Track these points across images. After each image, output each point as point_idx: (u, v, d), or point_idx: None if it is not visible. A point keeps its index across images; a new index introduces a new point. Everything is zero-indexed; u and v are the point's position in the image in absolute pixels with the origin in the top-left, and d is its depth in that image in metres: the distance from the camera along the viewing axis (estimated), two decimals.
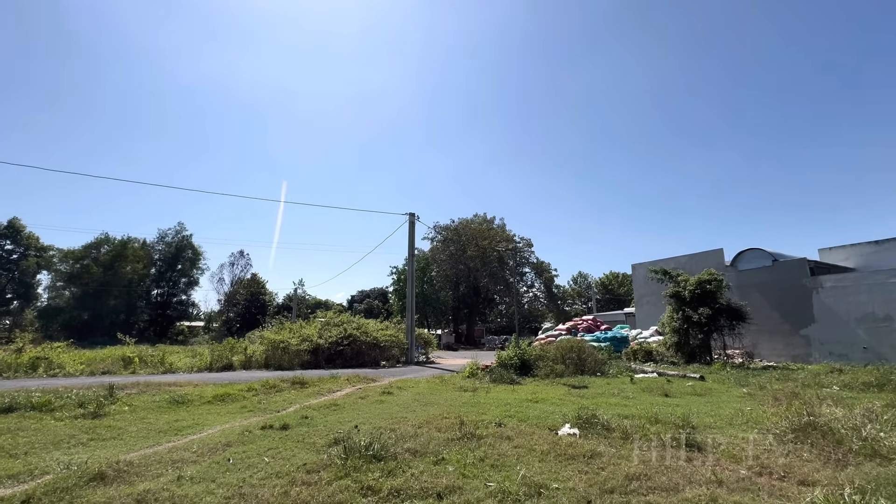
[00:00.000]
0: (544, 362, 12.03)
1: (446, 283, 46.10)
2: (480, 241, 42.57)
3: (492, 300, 52.98)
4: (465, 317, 47.13)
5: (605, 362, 12.51)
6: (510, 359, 12.31)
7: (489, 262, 42.49)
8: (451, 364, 18.67)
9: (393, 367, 16.25)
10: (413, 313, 19.40)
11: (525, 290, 48.39)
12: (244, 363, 15.25)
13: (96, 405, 7.15)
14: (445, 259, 44.57)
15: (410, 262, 20.12)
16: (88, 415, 6.77)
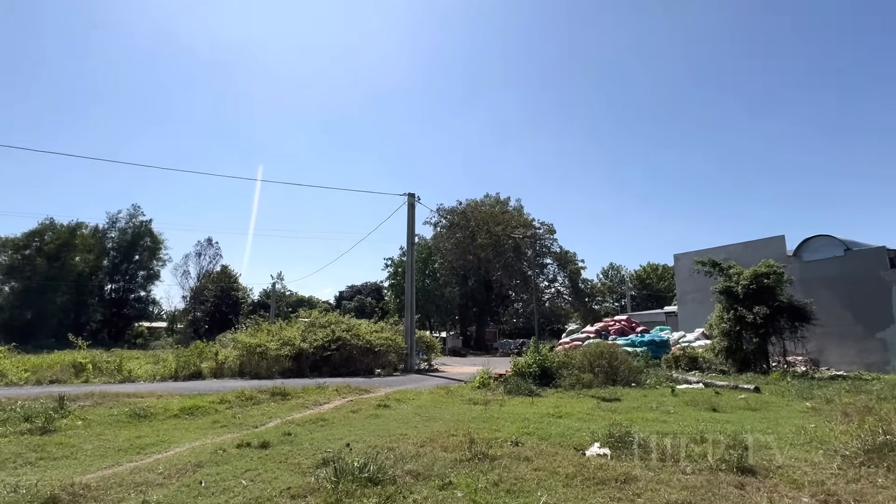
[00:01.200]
0: (569, 370, 12.08)
1: (452, 277, 46.36)
2: (493, 226, 42.49)
3: (506, 297, 53.19)
4: (474, 317, 47.47)
5: (641, 370, 12.59)
6: (528, 366, 12.38)
7: (503, 252, 42.56)
8: (458, 372, 18.82)
9: (389, 376, 16.45)
10: (413, 312, 19.51)
11: (546, 285, 48.60)
12: (215, 371, 15.44)
13: (45, 419, 7.10)
14: (451, 248, 44.65)
15: (410, 252, 20.14)
16: (36, 430, 6.77)
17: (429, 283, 41.36)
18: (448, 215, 45.21)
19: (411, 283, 19.81)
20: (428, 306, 40.19)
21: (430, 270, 41.84)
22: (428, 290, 40.11)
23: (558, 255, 45.82)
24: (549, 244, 46.93)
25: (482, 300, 46.06)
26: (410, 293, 19.72)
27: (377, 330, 19.65)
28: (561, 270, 46.98)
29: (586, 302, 46.79)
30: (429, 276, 41.77)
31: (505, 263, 42.96)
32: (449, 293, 42.69)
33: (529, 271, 44.87)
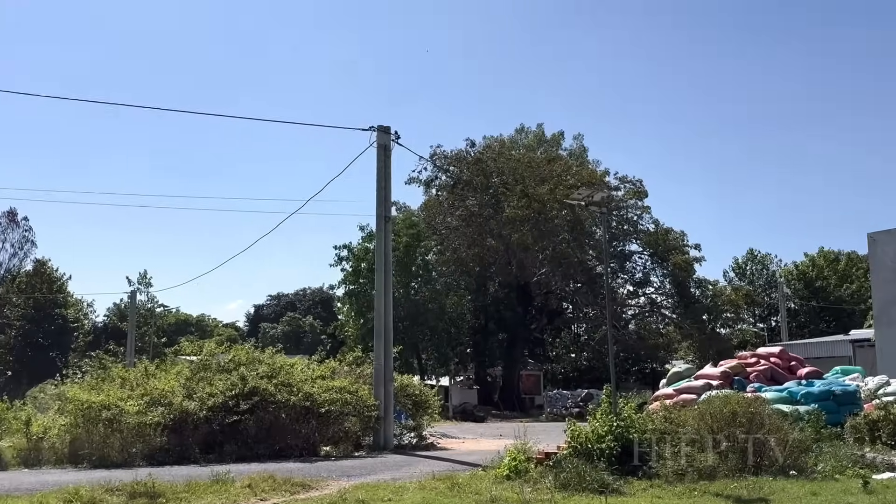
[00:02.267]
0: (674, 447, 12.16)
1: (459, 278, 46.97)
2: (532, 184, 42.97)
3: (557, 314, 54.01)
4: (499, 349, 49.01)
5: (807, 447, 12.59)
6: (599, 439, 12.49)
7: (551, 232, 43.00)
8: (469, 450, 18.99)
9: (348, 458, 16.75)
10: (389, 342, 19.68)
11: (630, 291, 49.84)
12: (26, 454, 15.79)
13: None
14: (457, 225, 45.51)
15: (382, 232, 20.27)
16: None
17: (418, 290, 41.46)
18: (451, 166, 45.42)
19: (385, 290, 19.82)
20: (417, 331, 40.26)
21: (419, 265, 41.86)
22: (416, 302, 40.21)
23: (653, 238, 46.05)
24: (635, 217, 47.20)
25: (513, 320, 46.59)
26: (383, 307, 19.74)
27: (324, 375, 19.82)
28: (658, 265, 47.26)
29: (705, 322, 47.04)
30: (418, 277, 41.83)
31: (555, 254, 43.18)
32: (454, 307, 42.82)
33: (599, 266, 45.03)
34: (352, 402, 18.32)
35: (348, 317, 42.36)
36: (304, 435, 17.60)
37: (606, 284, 19.42)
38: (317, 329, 71.87)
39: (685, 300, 46.48)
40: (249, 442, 16.92)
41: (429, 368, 42.89)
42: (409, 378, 23.33)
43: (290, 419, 17.42)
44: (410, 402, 21.59)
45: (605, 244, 20.50)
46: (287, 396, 17.44)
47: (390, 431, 19.17)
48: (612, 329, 19.18)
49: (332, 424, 18.05)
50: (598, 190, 18.19)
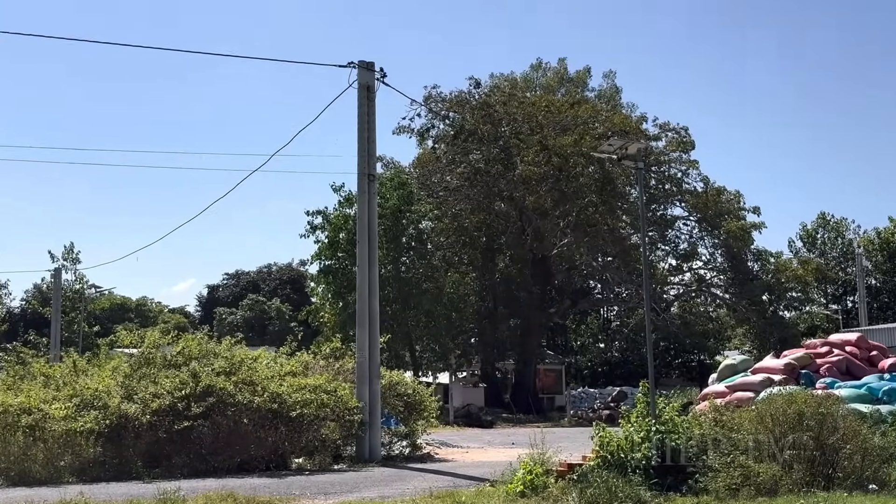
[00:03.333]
0: (726, 455, 12.23)
1: (461, 250, 47.51)
2: (552, 133, 43.07)
3: (582, 294, 54.38)
4: (510, 337, 49.36)
5: (890, 455, 12.67)
6: (634, 447, 12.64)
7: (577, 194, 43.03)
8: (475, 461, 19.24)
9: (326, 472, 16.88)
10: (374, 330, 19.81)
11: (673, 266, 50.20)
12: None
13: None
14: (458, 185, 45.81)
15: (366, 192, 20.27)
16: None
17: (410, 266, 41.49)
18: (451, 112, 45.25)
19: (369, 267, 19.88)
20: (409, 316, 40.39)
21: (411, 235, 41.88)
22: (408, 281, 40.28)
23: (702, 200, 46.00)
24: (680, 174, 47.08)
25: (528, 302, 46.74)
26: (367, 287, 19.80)
27: (295, 371, 19.93)
28: (707, 233, 47.26)
29: (765, 303, 47.22)
30: (410, 250, 41.85)
31: (580, 220, 43.21)
32: (455, 287, 42.89)
33: (635, 236, 44.92)
34: (329, 404, 18.34)
35: (324, 299, 42.37)
36: (270, 444, 17.66)
37: (644, 258, 19.34)
38: (285, 315, 72.08)
39: (741, 276, 46.60)
40: (204, 453, 16.98)
41: (424, 362, 43.04)
42: (399, 374, 23.40)
43: (253, 425, 17.44)
44: (402, 403, 21.66)
45: (642, 208, 20.38)
46: (249, 397, 17.45)
47: (377, 439, 19.24)
48: (650, 313, 19.04)
49: (305, 431, 18.08)
50: (633, 140, 18.09)
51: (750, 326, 48.05)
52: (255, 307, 74.87)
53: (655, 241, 47.19)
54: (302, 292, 75.32)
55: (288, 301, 75.62)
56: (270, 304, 75.26)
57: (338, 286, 38.61)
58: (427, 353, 43.21)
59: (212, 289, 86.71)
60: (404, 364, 38.87)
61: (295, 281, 79.43)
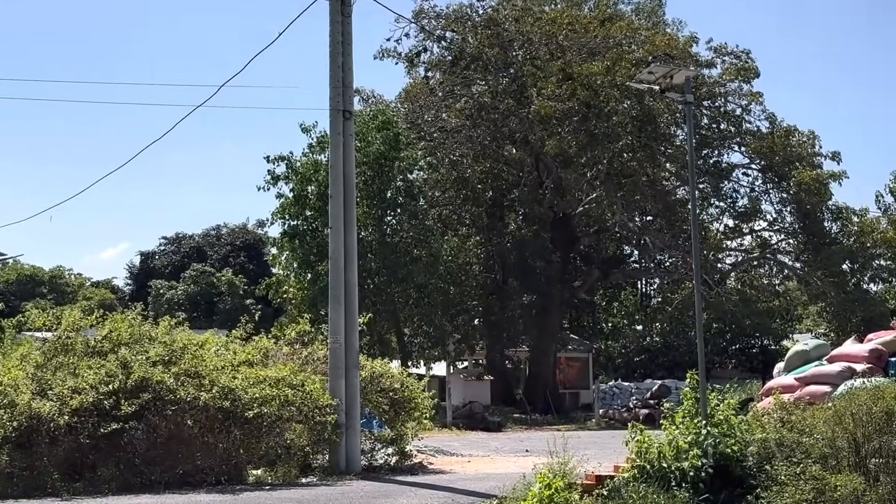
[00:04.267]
0: (795, 465, 12.29)
1: (461, 207, 47.69)
2: (578, 59, 43.02)
3: (616, 264, 54.49)
4: (524, 317, 49.70)
5: None
6: (680, 454, 12.74)
7: (607, 136, 42.81)
8: (478, 472, 19.27)
9: (291, 489, 16.88)
10: (352, 309, 19.86)
11: (731, 226, 50.13)
12: None
13: None
14: (459, 126, 45.80)
15: (339, 136, 20.24)
16: None
17: (398, 227, 41.58)
18: (448, 31, 45.07)
19: (346, 229, 19.85)
20: (396, 291, 40.52)
21: (398, 189, 41.75)
22: (395, 247, 40.23)
23: (767, 143, 45.85)
24: (739, 111, 46.87)
25: (547, 273, 46.98)
26: (343, 255, 19.80)
27: (252, 360, 19.91)
28: (774, 185, 47.21)
29: (845, 274, 47.33)
30: (396, 207, 41.78)
31: (612, 168, 43.17)
32: (453, 254, 42.89)
33: (682, 189, 44.67)
34: (295, 402, 18.30)
35: (288, 270, 42.43)
36: (221, 452, 17.67)
37: (693, 217, 19.32)
38: (239, 289, 72.25)
39: (815, 240, 46.44)
40: (137, 463, 16.98)
41: (415, 350, 43.16)
42: (384, 364, 23.39)
43: (199, 428, 17.44)
44: (387, 400, 21.66)
45: (692, 153, 20.28)
46: (194, 393, 17.42)
47: (356, 446, 19.28)
48: (700, 286, 19.00)
49: (264, 435, 18.10)
50: (679, 67, 17.95)
51: (826, 303, 48.04)
52: (201, 280, 74.99)
53: (708, 196, 47.11)
54: (260, 261, 75.36)
55: (242, 272, 75.75)
56: (220, 276, 75.36)
57: (306, 253, 38.58)
58: (419, 338, 43.33)
59: (146, 257, 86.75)
60: (390, 351, 38.90)
61: (251, 247, 79.49)
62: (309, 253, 38.06)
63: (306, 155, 38.90)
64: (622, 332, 64.37)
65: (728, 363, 58.27)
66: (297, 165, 39.04)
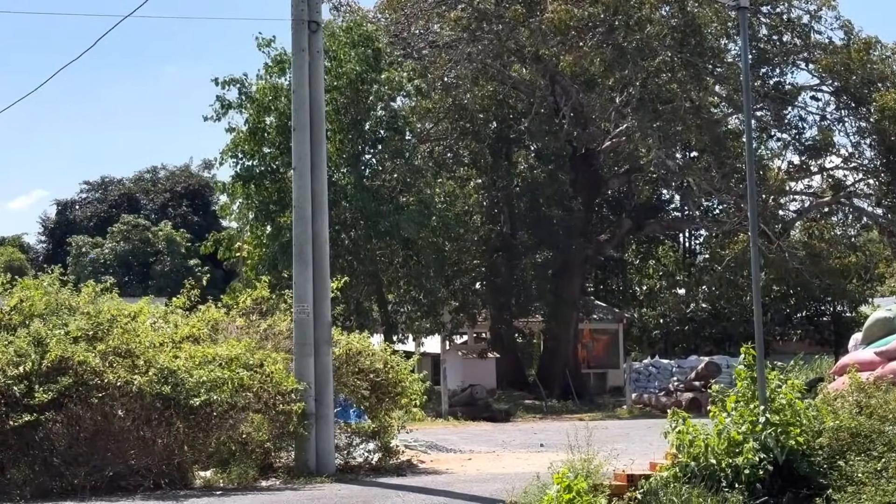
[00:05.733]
0: (875, 460, 12.42)
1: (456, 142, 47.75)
2: None
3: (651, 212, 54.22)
4: (536, 279, 49.49)
5: None
6: (732, 447, 12.82)
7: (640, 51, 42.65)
8: (481, 473, 19.41)
9: (248, 494, 16.98)
10: (322, 270, 19.92)
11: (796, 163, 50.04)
12: None
13: None
14: (453, 40, 45.77)
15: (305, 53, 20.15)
16: None
17: (377, 168, 41.66)
18: None
19: (313, 170, 19.82)
20: (377, 248, 40.64)
21: (379, 120, 41.67)
22: (376, 193, 40.08)
23: (840, 59, 45.53)
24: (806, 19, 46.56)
25: (566, 225, 47.06)
26: (310, 203, 19.78)
27: (198, 335, 20.03)
28: (850, 112, 47.11)
29: None
30: (376, 143, 41.80)
31: (647, 92, 42.91)
32: (448, 201, 42.76)
33: (735, 118, 44.56)
34: (252, 387, 18.36)
35: (242, 222, 42.36)
36: (161, 449, 17.66)
37: (749, 152, 19.17)
38: (181, 247, 72.15)
39: None
40: (57, 463, 16.95)
41: (402, 321, 43.34)
42: (363, 339, 23.37)
43: (133, 419, 17.46)
44: (367, 384, 21.62)
45: (747, 71, 20.16)
46: (126, 376, 17.40)
47: (329, 441, 19.35)
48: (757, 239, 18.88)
49: (214, 429, 18.11)
50: None
51: None
52: (133, 235, 74.83)
53: (767, 126, 47.04)
54: (207, 211, 75.33)
55: (185, 226, 75.72)
56: (157, 231, 75.20)
57: (264, 201, 38.53)
58: (406, 307, 43.44)
59: (64, 207, 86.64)
60: (371, 323, 39.03)
61: (196, 194, 79.50)
62: (268, 201, 38.01)
63: (264, 78, 38.77)
64: (660, 297, 64.32)
65: (792, 335, 58.55)
66: (253, 90, 38.90)
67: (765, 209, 42.59)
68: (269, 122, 37.80)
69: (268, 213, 37.94)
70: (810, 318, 59.31)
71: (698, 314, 60.42)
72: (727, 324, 55.14)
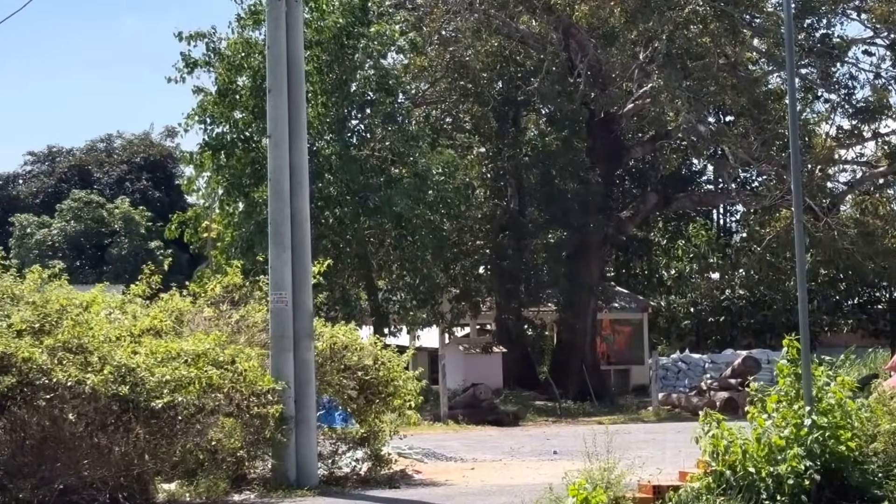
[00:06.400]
0: None
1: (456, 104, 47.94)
2: None
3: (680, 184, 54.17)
4: (548, 263, 49.65)
5: None
6: (773, 454, 12.84)
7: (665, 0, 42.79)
8: (485, 485, 19.45)
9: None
10: (303, 252, 20.03)
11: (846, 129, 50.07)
12: None
13: None
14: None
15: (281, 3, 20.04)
16: None
17: (365, 136, 41.69)
18: None
19: (292, 138, 19.86)
20: (366, 228, 40.71)
21: (367, 80, 41.61)
22: (363, 163, 40.03)
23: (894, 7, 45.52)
24: None
25: (582, 199, 47.13)
26: (288, 176, 19.82)
27: (160, 328, 20.05)
28: None
29: None
30: (364, 107, 41.69)
31: (674, 46, 42.77)
32: (447, 173, 42.69)
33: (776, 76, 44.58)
34: (223, 387, 18.35)
35: (211, 198, 42.37)
36: (119, 458, 17.67)
37: (792, 115, 19.11)
38: (140, 227, 72.05)
39: None
40: None
41: (395, 311, 43.36)
42: (349, 332, 23.41)
43: (86, 424, 17.43)
44: (354, 384, 21.70)
45: (790, 23, 20.18)
46: (78, 375, 17.34)
47: (311, 448, 19.43)
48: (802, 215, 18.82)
49: (180, 435, 18.09)
50: None
51: None
52: (86, 214, 74.62)
53: (813, 85, 46.99)
54: (171, 186, 75.23)
55: (145, 203, 75.56)
56: (113, 209, 74.98)
57: (235, 173, 38.48)
58: (399, 294, 43.43)
59: (5, 181, 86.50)
60: (358, 314, 39.01)
61: (157, 166, 79.35)
62: (240, 173, 37.95)
63: (236, 31, 38.72)
64: (690, 282, 64.45)
65: (842, 325, 58.65)
66: (223, 46, 38.80)
67: (811, 181, 42.61)
68: (241, 83, 37.79)
69: (240, 187, 37.83)
70: (863, 305, 59.39)
71: (735, 302, 60.50)
72: (768, 313, 55.28)
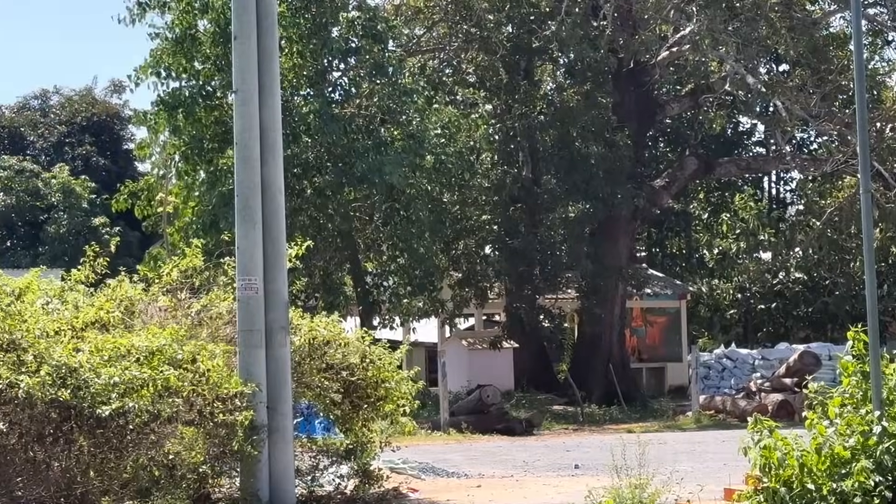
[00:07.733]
0: None
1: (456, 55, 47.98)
2: None
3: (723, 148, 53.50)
4: (567, 242, 50.14)
5: None
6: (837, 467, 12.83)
7: None
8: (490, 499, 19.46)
9: None
10: (276, 231, 20.02)
11: None
12: None
13: None
14: None
15: None
16: None
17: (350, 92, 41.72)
18: None
19: (264, 94, 19.85)
20: (351, 200, 40.77)
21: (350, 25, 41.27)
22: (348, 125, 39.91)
23: None
24: None
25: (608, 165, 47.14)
26: (258, 140, 19.78)
27: (108, 320, 20.08)
28: None
29: None
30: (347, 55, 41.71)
31: None
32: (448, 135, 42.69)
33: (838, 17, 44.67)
34: (182, 390, 18.31)
35: (167, 165, 42.38)
36: (58, 476, 17.67)
37: (858, 64, 19.16)
38: (83, 200, 72.11)
39: None
40: None
41: (386, 299, 43.42)
42: (331, 324, 23.46)
43: (19, 436, 17.44)
44: (338, 385, 21.74)
45: None
46: (9, 377, 17.38)
47: (287, 462, 19.46)
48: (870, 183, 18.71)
49: (130, 448, 18.06)
50: None
51: None
52: (17, 185, 74.75)
53: (883, 29, 47.00)
54: (118, 151, 75.32)
55: (88, 171, 75.65)
56: (50, 179, 75.05)
57: (196, 136, 38.46)
58: (391, 279, 43.47)
59: None
60: (342, 302, 39.07)
61: (103, 127, 79.41)
62: (201, 135, 37.95)
63: None
64: (737, 263, 64.41)
65: None
66: None
67: (880, 142, 42.55)
68: (202, 28, 37.72)
69: (201, 152, 37.82)
70: None
71: (789, 287, 60.52)
72: (829, 300, 55.36)
